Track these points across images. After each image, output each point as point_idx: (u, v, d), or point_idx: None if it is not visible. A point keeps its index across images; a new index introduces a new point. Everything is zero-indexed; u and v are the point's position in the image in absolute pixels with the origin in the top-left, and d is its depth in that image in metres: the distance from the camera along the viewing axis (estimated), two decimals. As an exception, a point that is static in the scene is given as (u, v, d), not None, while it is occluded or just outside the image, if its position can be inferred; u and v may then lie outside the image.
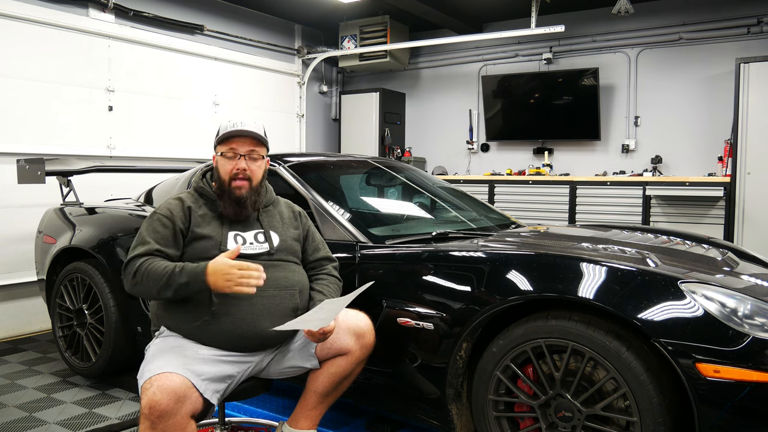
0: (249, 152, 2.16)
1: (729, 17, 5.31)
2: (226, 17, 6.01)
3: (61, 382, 3.43)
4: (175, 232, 2.09)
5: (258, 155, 2.18)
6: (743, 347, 1.73)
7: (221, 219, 2.16)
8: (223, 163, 2.16)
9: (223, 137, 2.16)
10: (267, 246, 2.16)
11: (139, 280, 1.98)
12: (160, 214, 2.13)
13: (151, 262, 1.99)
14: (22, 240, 4.41)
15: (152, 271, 1.96)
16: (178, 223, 2.10)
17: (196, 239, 2.10)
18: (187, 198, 2.20)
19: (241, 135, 2.15)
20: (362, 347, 2.17)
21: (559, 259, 2.12)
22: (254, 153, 2.17)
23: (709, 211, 5.04)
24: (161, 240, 2.06)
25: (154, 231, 2.08)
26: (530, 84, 6.15)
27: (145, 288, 1.99)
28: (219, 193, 2.16)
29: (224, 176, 2.15)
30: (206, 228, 2.12)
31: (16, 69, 4.37)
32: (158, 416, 1.76)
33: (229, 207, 2.14)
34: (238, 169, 2.13)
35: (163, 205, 2.17)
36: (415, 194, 3.33)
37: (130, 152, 5.07)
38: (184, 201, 2.18)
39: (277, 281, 2.11)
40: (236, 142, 2.15)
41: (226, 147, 2.15)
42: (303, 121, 6.93)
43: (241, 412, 2.89)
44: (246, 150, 2.15)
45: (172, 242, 2.08)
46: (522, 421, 2.12)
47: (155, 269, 1.96)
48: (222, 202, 2.15)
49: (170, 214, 2.12)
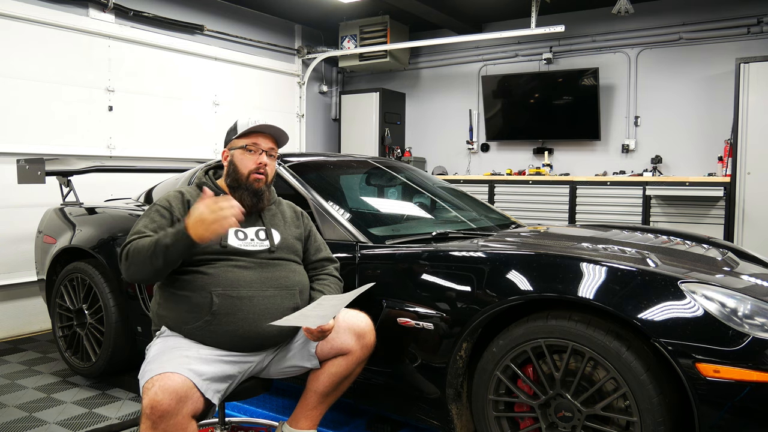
0: (269, 149, 2.19)
1: (729, 17, 5.31)
2: (226, 17, 6.01)
3: (61, 382, 3.43)
4: (173, 221, 2.08)
5: (275, 154, 2.22)
6: (743, 347, 1.73)
7: None
8: (243, 157, 2.16)
9: (247, 131, 2.17)
10: (268, 243, 2.16)
11: (131, 261, 1.95)
12: (159, 205, 2.13)
13: (140, 240, 1.96)
14: (22, 240, 4.41)
15: (140, 246, 1.94)
16: (176, 213, 2.10)
17: None
18: (188, 192, 2.20)
19: (265, 131, 2.18)
20: (363, 347, 2.17)
21: (559, 259, 2.12)
22: (273, 151, 2.21)
23: (709, 211, 5.04)
24: (157, 229, 2.04)
25: (150, 221, 2.07)
26: (530, 84, 6.15)
27: (137, 266, 1.94)
28: (235, 186, 2.16)
29: (243, 170, 2.15)
30: None
31: (16, 69, 4.37)
32: (160, 416, 1.75)
33: (247, 198, 2.14)
34: (260, 164, 2.15)
35: (163, 197, 2.18)
36: (415, 194, 3.33)
37: (130, 152, 5.07)
38: (185, 194, 2.18)
39: (278, 281, 2.11)
40: (259, 138, 2.17)
41: (249, 141, 2.16)
42: (303, 121, 6.93)
43: (241, 412, 2.89)
44: (267, 146, 2.18)
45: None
46: (522, 421, 2.12)
47: (142, 244, 1.94)
48: (238, 195, 2.14)
49: (169, 205, 2.12)
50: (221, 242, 2.07)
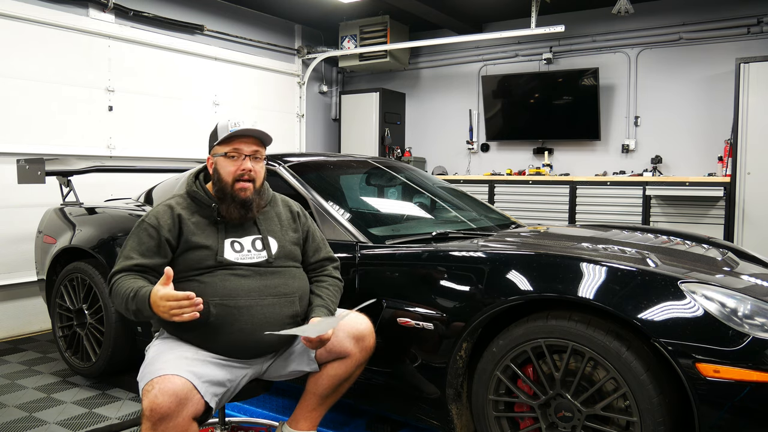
0: (253, 152, 2.08)
1: (729, 17, 5.31)
2: (226, 17, 6.01)
3: (61, 382, 3.43)
4: (161, 242, 2.01)
5: (261, 155, 2.11)
6: (743, 347, 1.73)
7: (216, 225, 2.08)
8: (226, 164, 2.07)
9: (227, 137, 2.06)
10: (265, 254, 2.10)
11: (113, 298, 1.98)
12: (147, 223, 2.05)
13: (121, 281, 1.95)
14: (22, 240, 4.41)
15: (117, 292, 1.94)
16: (164, 233, 2.01)
17: (190, 249, 2.02)
18: (178, 204, 2.11)
19: (245, 135, 2.07)
20: (362, 350, 2.15)
21: (559, 259, 2.12)
22: (258, 153, 2.09)
23: (709, 211, 5.04)
24: (146, 252, 2.00)
25: (139, 242, 2.02)
26: (530, 84, 6.15)
27: (118, 306, 1.97)
28: (221, 196, 2.07)
29: (227, 178, 2.06)
30: (201, 236, 2.04)
31: (16, 69, 4.37)
32: (160, 418, 1.74)
33: (234, 210, 2.06)
34: (244, 170, 2.05)
35: (152, 212, 2.08)
36: (415, 194, 3.33)
37: (130, 152, 5.07)
38: (174, 208, 2.08)
39: (276, 288, 2.07)
40: (240, 142, 2.06)
41: (230, 147, 2.06)
42: (303, 121, 6.93)
43: (241, 412, 2.89)
44: (251, 150, 2.07)
45: (157, 252, 2.01)
46: (522, 421, 2.12)
47: (118, 290, 1.93)
48: (225, 206, 2.06)
49: (157, 223, 2.03)
50: (217, 258, 2.02)
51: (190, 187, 2.15)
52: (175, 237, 2.04)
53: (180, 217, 2.06)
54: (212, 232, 2.07)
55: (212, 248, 2.03)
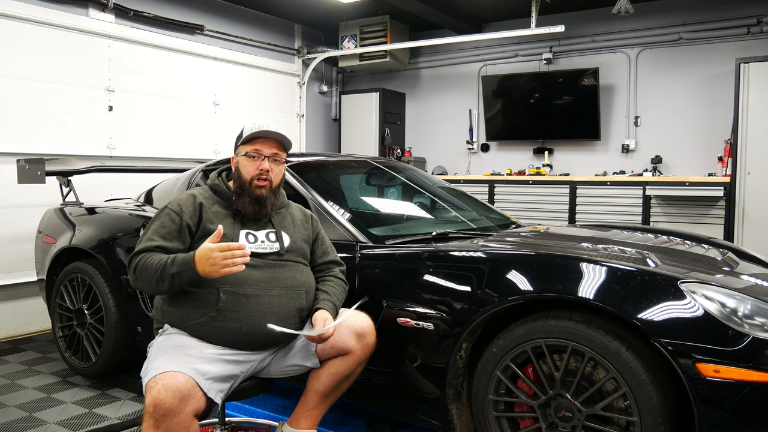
0: (273, 155, 2.18)
1: (729, 17, 5.31)
2: (226, 17, 6.01)
3: (61, 382, 3.43)
4: (182, 227, 2.11)
5: (281, 158, 2.21)
6: (743, 347, 1.73)
7: (234, 217, 2.19)
8: (246, 163, 2.17)
9: (249, 137, 2.17)
10: (277, 246, 2.18)
11: (139, 275, 2.02)
12: (170, 208, 2.15)
13: (149, 257, 2.02)
14: (22, 240, 4.41)
15: (148, 265, 1.99)
16: (185, 218, 2.12)
17: (207, 235, 2.08)
18: (200, 194, 2.22)
19: (267, 136, 2.17)
20: (363, 347, 2.17)
21: (559, 259, 2.12)
22: (277, 156, 2.20)
23: (709, 211, 5.04)
24: (167, 235, 2.09)
25: (161, 225, 2.11)
26: (530, 84, 6.15)
27: (144, 282, 2.02)
28: (239, 192, 2.18)
29: (246, 176, 2.16)
30: (218, 225, 2.11)
31: (16, 69, 4.37)
32: (162, 415, 1.76)
33: (249, 206, 2.16)
34: (262, 170, 2.15)
35: (175, 199, 2.20)
36: (415, 194, 3.33)
37: (130, 152, 5.07)
38: (196, 197, 2.20)
39: (285, 281, 2.13)
40: (262, 143, 2.17)
41: (251, 147, 2.17)
42: (303, 121, 6.93)
43: (241, 412, 2.89)
44: (270, 152, 2.18)
45: (177, 236, 2.10)
46: (522, 421, 2.12)
47: (150, 263, 1.99)
48: (241, 201, 2.17)
49: (179, 209, 2.14)
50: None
51: (212, 182, 2.28)
52: (195, 223, 2.14)
53: (201, 205, 2.17)
54: (229, 223, 2.17)
55: (227, 236, 2.11)
